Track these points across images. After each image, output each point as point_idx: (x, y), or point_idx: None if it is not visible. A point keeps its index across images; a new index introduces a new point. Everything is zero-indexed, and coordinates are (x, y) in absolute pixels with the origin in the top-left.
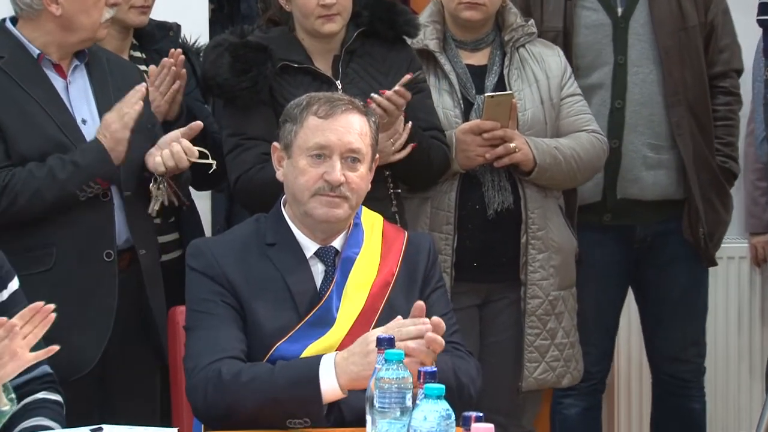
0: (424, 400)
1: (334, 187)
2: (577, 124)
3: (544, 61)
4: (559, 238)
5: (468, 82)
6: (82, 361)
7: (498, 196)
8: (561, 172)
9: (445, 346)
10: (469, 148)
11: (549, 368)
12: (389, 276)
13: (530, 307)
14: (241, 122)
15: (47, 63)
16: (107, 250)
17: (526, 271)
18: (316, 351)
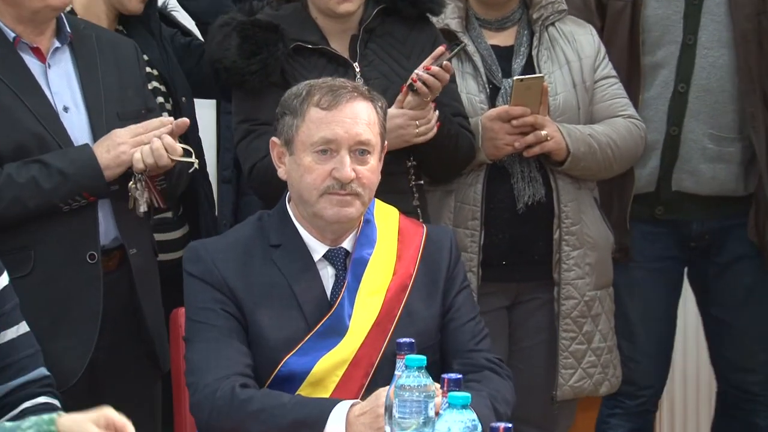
0: (448, 409)
1: (345, 185)
2: (613, 109)
3: (576, 41)
4: (595, 233)
5: (494, 64)
6: (66, 373)
7: (528, 189)
8: (596, 162)
9: (471, 363)
10: (497, 136)
11: (586, 375)
12: (407, 278)
13: (565, 308)
14: (253, 107)
15: (24, 47)
16: (90, 251)
17: (560, 270)
18: (328, 364)
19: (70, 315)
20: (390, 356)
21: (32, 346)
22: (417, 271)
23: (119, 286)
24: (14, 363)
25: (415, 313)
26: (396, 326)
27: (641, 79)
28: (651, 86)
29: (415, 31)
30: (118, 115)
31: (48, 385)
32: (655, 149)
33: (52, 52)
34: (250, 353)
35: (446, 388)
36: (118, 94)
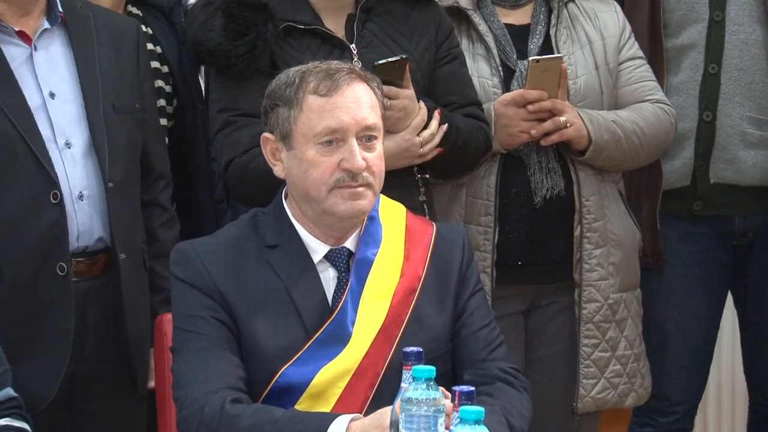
0: (459, 425)
1: (356, 175)
2: (639, 93)
3: (598, 19)
4: (620, 229)
5: (508, 45)
6: (36, 397)
7: (546, 181)
8: (621, 151)
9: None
10: (512, 123)
11: (609, 385)
12: (415, 280)
13: (586, 312)
14: (235, 95)
15: (5, 29)
16: (60, 262)
17: (581, 270)
18: (330, 375)
19: (39, 334)
20: (397, 366)
21: (1, 365)
22: (426, 273)
23: (104, 293)
24: None
25: (425, 319)
26: (404, 333)
27: (665, 64)
28: (678, 70)
29: (417, 11)
30: (114, 108)
31: (14, 407)
32: (687, 138)
33: (40, 34)
34: (242, 365)
35: (457, 402)
36: (115, 83)
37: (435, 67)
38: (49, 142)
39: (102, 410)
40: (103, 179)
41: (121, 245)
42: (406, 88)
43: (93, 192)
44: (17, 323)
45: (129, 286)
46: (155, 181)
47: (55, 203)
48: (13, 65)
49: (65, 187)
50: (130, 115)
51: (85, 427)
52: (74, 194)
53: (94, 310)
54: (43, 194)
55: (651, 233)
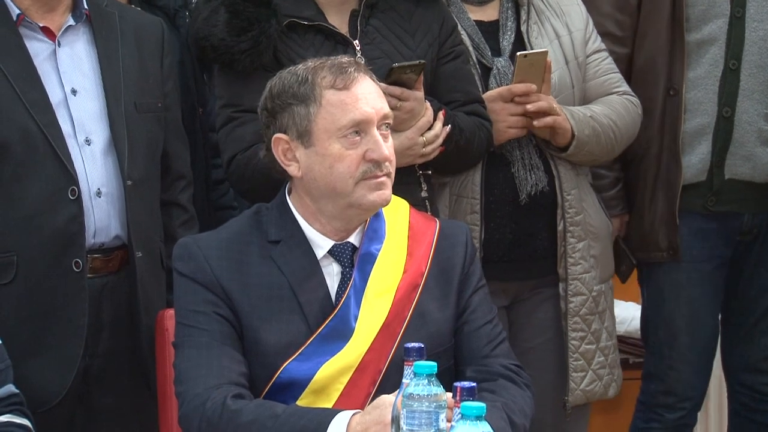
0: (460, 420)
1: (381, 165)
2: (607, 86)
3: (564, 13)
4: (597, 222)
5: (481, 42)
6: (46, 393)
7: (531, 177)
8: (599, 145)
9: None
10: (499, 117)
11: (596, 377)
12: (418, 277)
13: (573, 306)
14: (239, 91)
15: (30, 25)
16: (76, 258)
17: (566, 264)
18: (332, 370)
19: (52, 329)
20: (399, 362)
21: (2, 361)
22: (429, 269)
23: (119, 290)
24: None
25: (428, 315)
26: (406, 329)
27: (685, 58)
28: (698, 65)
29: (421, 8)
30: (136, 106)
31: (16, 403)
32: (705, 133)
33: (64, 30)
34: (245, 360)
35: (459, 398)
36: (138, 81)
37: (438, 64)
38: (69, 138)
39: (115, 406)
40: (122, 177)
41: (138, 243)
42: (417, 90)
43: (111, 189)
44: (31, 318)
45: (144, 284)
46: (175, 181)
47: (73, 199)
48: (36, 61)
49: (83, 184)
50: (152, 114)
51: (97, 422)
52: (92, 191)
53: (109, 306)
54: (61, 190)
55: (668, 228)
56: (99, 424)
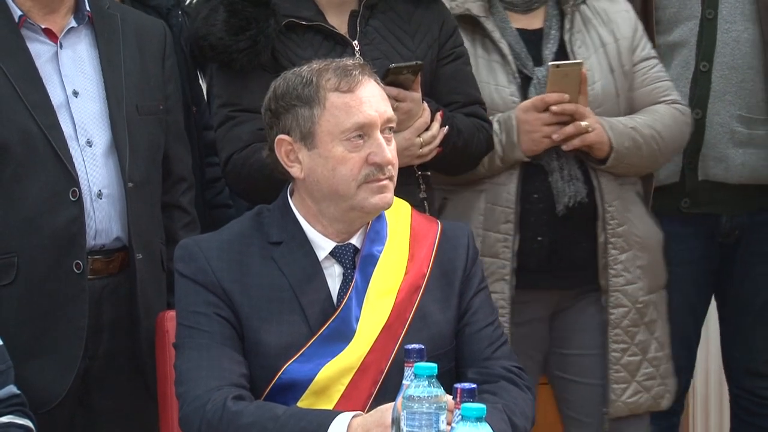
0: (461, 422)
1: (384, 168)
2: (655, 95)
3: (610, 20)
4: (643, 232)
5: (522, 51)
6: (46, 394)
7: (569, 188)
8: (640, 157)
9: (487, 372)
10: (533, 128)
11: (642, 389)
12: (419, 278)
13: (614, 317)
14: (237, 90)
15: (32, 27)
16: (76, 260)
17: (607, 276)
18: (333, 372)
19: (52, 330)
20: (401, 363)
21: (3, 362)
22: (431, 271)
23: (120, 292)
24: None
25: (429, 317)
26: (408, 330)
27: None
28: (669, 67)
29: (421, 9)
30: (137, 108)
31: (17, 404)
32: None
33: (66, 32)
34: (245, 362)
35: (459, 399)
36: (140, 83)
37: (438, 65)
38: (70, 140)
39: (115, 408)
40: (123, 179)
41: (139, 245)
42: (414, 91)
43: (112, 191)
44: (32, 319)
45: (144, 286)
46: (176, 184)
47: (74, 201)
48: (38, 62)
49: (84, 185)
50: (153, 116)
51: (98, 424)
52: (93, 192)
53: (109, 308)
54: (62, 191)
55: None
56: (99, 425)
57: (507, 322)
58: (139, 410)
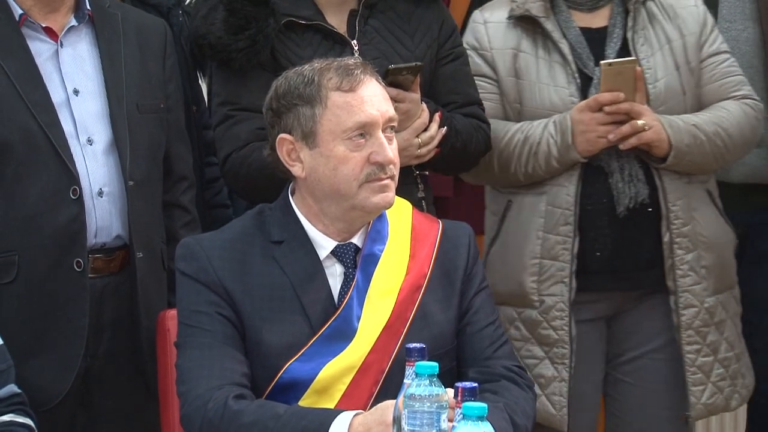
0: (462, 421)
1: (385, 167)
2: (724, 91)
3: (677, 16)
4: (710, 231)
5: (584, 51)
6: (47, 393)
7: (630, 189)
8: (704, 155)
9: (488, 372)
10: (589, 128)
11: (717, 390)
12: (420, 278)
13: (685, 319)
14: (236, 89)
15: (32, 25)
16: (77, 258)
17: (674, 276)
18: (334, 371)
19: (53, 329)
20: (402, 362)
21: (4, 362)
22: (432, 271)
23: (120, 291)
24: None
25: (430, 316)
26: (409, 330)
27: None
28: None
29: (421, 9)
30: (138, 107)
31: (18, 403)
32: None
33: (67, 30)
34: (247, 361)
35: (460, 398)
36: (140, 82)
37: (437, 66)
38: (71, 139)
39: (115, 408)
40: (123, 177)
41: (139, 244)
42: (413, 92)
43: (113, 189)
44: (32, 318)
45: (145, 285)
46: (177, 182)
47: (75, 199)
48: (38, 61)
49: (85, 184)
50: (154, 115)
51: (99, 424)
52: (94, 191)
53: (110, 307)
54: (62, 190)
55: None
56: (100, 425)
57: (566, 325)
58: (140, 409)
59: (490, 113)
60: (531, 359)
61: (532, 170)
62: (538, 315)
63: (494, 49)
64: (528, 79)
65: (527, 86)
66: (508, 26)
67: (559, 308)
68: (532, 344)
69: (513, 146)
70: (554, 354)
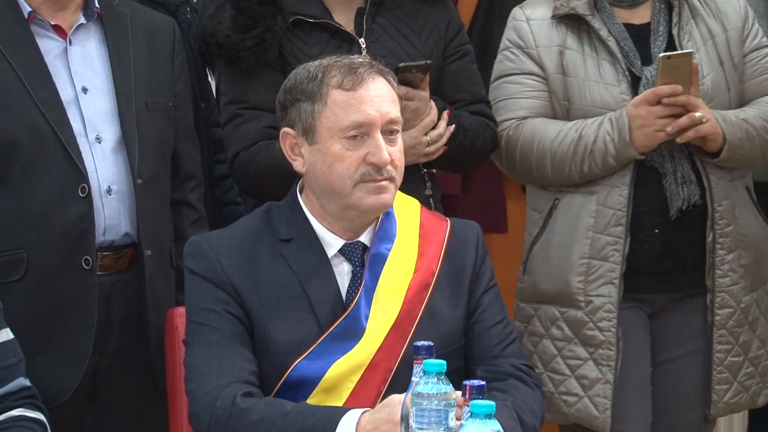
0: (470, 419)
1: (381, 169)
2: (765, 86)
3: (719, 10)
4: (750, 230)
5: (631, 50)
6: (56, 389)
7: (683, 191)
8: (753, 149)
9: (496, 370)
10: (647, 122)
11: (742, 389)
12: (429, 276)
13: (719, 318)
14: (244, 88)
15: (41, 23)
16: (86, 255)
17: (713, 276)
18: (343, 369)
19: (61, 327)
20: (410, 361)
21: (14, 356)
22: (440, 269)
23: (129, 288)
24: None
25: (438, 314)
26: (417, 328)
27: None
28: None
29: (428, 6)
30: (146, 105)
31: (28, 396)
32: None
33: (76, 28)
34: (255, 359)
35: (468, 396)
36: (149, 80)
37: (444, 63)
38: (79, 136)
39: (124, 405)
40: (132, 175)
41: (147, 242)
42: (422, 90)
43: (121, 187)
44: (41, 315)
45: (153, 282)
46: (185, 181)
47: (83, 197)
48: (47, 59)
49: (94, 181)
50: (162, 113)
51: (107, 421)
52: (102, 189)
53: (118, 304)
54: (71, 187)
55: None
56: (108, 422)
57: (613, 326)
58: (148, 407)
59: (539, 111)
60: (574, 360)
61: (588, 169)
62: (584, 315)
63: (540, 47)
64: (576, 76)
65: (575, 84)
66: (551, 24)
67: (607, 309)
68: (576, 345)
69: (567, 146)
70: (599, 355)
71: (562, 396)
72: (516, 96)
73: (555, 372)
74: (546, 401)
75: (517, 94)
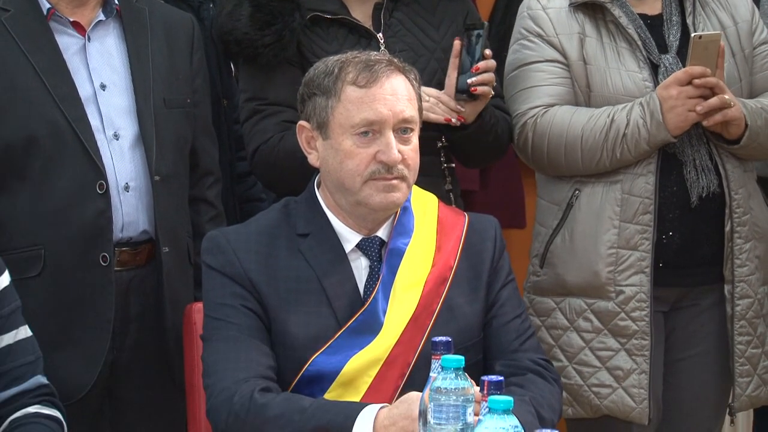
0: (488, 414)
1: (391, 168)
2: None
3: (729, 3)
4: (763, 220)
5: (648, 38)
6: (73, 386)
7: (702, 179)
8: None
9: (515, 365)
10: (678, 102)
11: (762, 382)
12: (446, 270)
13: (739, 309)
14: (263, 84)
15: (60, 20)
16: (103, 252)
17: (732, 266)
18: (360, 363)
19: (79, 323)
20: (428, 355)
21: (32, 353)
22: (458, 263)
23: (146, 284)
24: (9, 372)
25: (457, 309)
26: (435, 322)
27: None
28: None
29: (445, 0)
30: (165, 102)
31: (46, 394)
32: None
33: (94, 25)
34: (272, 354)
35: (486, 392)
36: (167, 77)
37: None
38: (97, 133)
39: (142, 401)
40: (149, 172)
41: (165, 238)
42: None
43: (139, 184)
44: (59, 311)
45: (171, 279)
46: (203, 177)
47: (101, 193)
48: (66, 55)
49: (111, 178)
50: (180, 110)
51: (125, 416)
52: (120, 185)
53: (136, 300)
54: (89, 184)
55: None
56: (126, 417)
57: (647, 316)
58: (166, 402)
59: (565, 98)
60: (604, 351)
61: (621, 155)
62: (615, 306)
63: (560, 35)
64: (596, 64)
65: (596, 71)
66: (568, 12)
67: (640, 299)
68: (606, 336)
69: (599, 132)
70: (633, 345)
71: (593, 388)
72: (540, 84)
73: (583, 364)
74: (572, 394)
75: (541, 82)
